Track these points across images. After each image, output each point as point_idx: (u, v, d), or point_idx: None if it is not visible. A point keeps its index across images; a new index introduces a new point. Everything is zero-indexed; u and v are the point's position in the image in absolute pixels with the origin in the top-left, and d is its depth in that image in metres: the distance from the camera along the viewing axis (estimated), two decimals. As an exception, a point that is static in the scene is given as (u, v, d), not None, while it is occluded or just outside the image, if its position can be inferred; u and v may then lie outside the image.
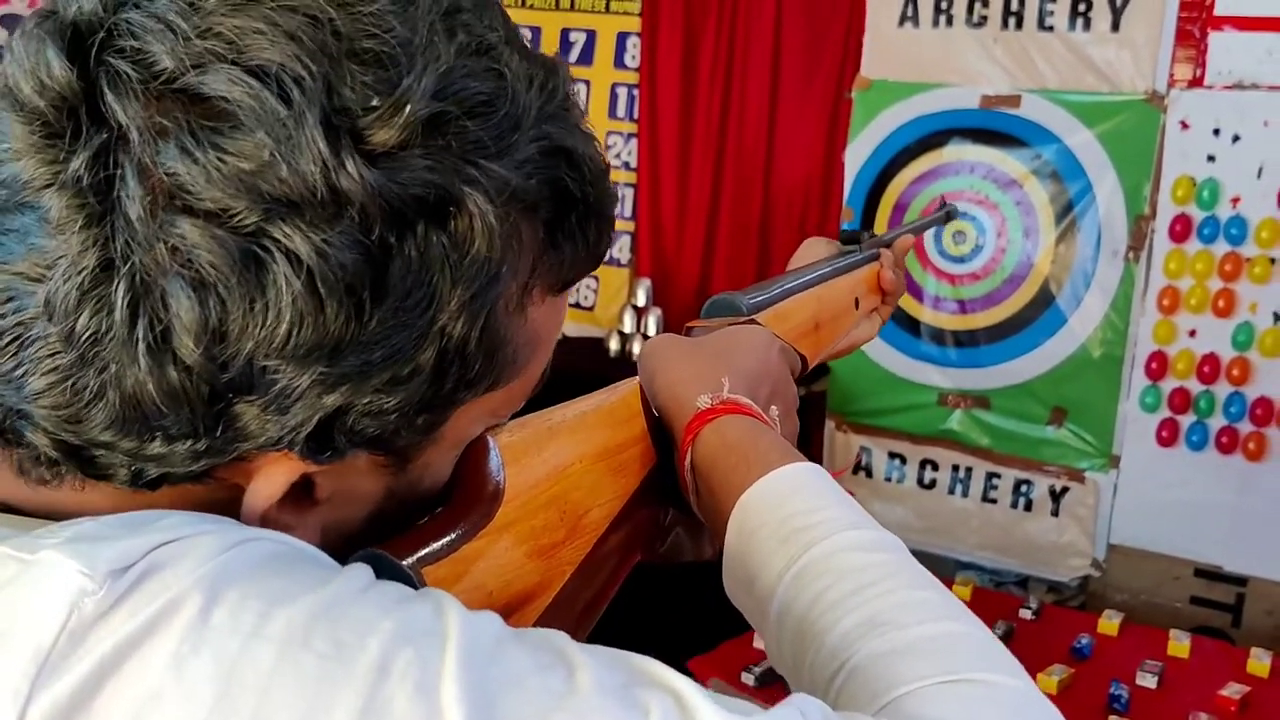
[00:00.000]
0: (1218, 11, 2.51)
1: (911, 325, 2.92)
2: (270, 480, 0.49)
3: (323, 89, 0.43)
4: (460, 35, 0.47)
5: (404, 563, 0.53)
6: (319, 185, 0.43)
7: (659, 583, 0.66)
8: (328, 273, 0.43)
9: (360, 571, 0.47)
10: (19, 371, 0.45)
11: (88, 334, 0.43)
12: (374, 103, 0.44)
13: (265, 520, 0.50)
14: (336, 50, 0.44)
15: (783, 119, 3.07)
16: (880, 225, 2.94)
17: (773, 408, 0.74)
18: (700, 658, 2.16)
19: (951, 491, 2.92)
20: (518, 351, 0.52)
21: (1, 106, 0.45)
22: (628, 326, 3.23)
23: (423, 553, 0.55)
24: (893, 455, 2.98)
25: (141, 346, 0.43)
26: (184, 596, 0.42)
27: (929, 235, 2.85)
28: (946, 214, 1.50)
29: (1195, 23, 2.53)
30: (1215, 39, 2.52)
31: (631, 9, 3.27)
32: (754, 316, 0.83)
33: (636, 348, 3.14)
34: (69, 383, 0.44)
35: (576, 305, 3.47)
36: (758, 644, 2.14)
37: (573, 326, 3.47)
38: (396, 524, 0.56)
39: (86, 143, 0.43)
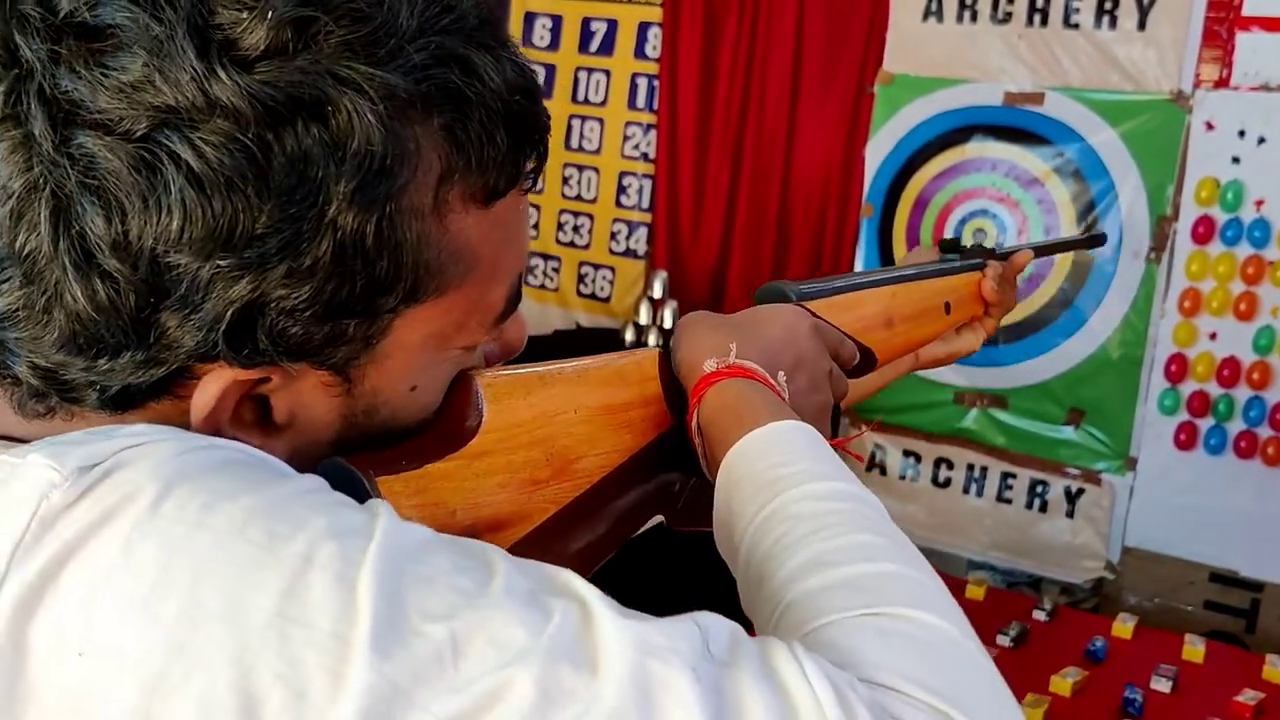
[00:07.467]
0: (1246, 11, 2.49)
1: (929, 322, 2.90)
2: (205, 390, 0.54)
3: (191, 6, 0.49)
4: None
5: (365, 472, 0.58)
6: (193, 92, 0.49)
7: (712, 559, 0.70)
8: (208, 169, 0.49)
9: (311, 480, 0.52)
10: None
11: (26, 252, 0.50)
12: (242, 14, 0.50)
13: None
14: None
15: (803, 112, 3.05)
16: (899, 222, 2.92)
17: (780, 374, 0.77)
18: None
19: (966, 491, 2.90)
20: (443, 261, 0.56)
21: None
22: (643, 318, 3.21)
23: (387, 467, 0.59)
24: (908, 453, 2.97)
25: (68, 260, 0.50)
26: (140, 490, 0.48)
27: (950, 233, 2.83)
28: (1091, 239, 1.42)
29: (1223, 23, 2.51)
30: (1243, 39, 2.49)
31: (653, -1, 3.26)
32: (805, 303, 0.85)
33: (652, 339, 3.12)
34: (25, 301, 0.51)
35: (592, 296, 3.46)
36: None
37: (588, 317, 3.47)
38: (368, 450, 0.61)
39: (2, 80, 0.50)
